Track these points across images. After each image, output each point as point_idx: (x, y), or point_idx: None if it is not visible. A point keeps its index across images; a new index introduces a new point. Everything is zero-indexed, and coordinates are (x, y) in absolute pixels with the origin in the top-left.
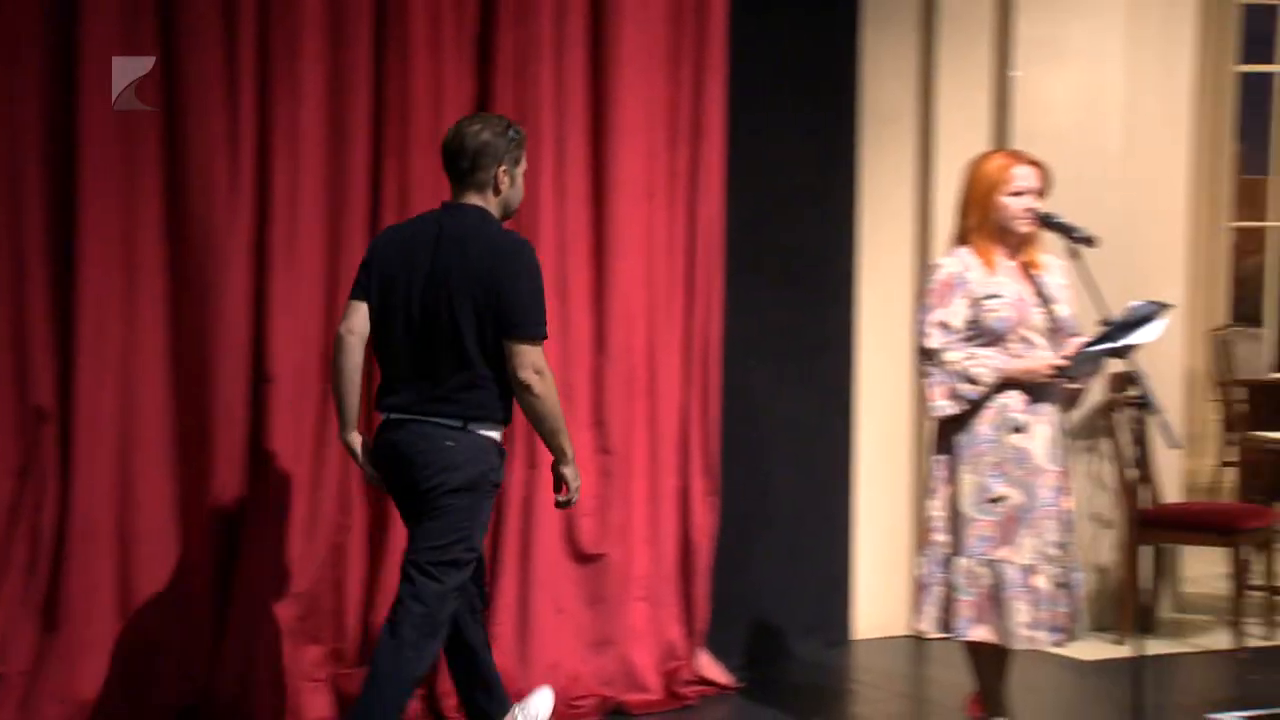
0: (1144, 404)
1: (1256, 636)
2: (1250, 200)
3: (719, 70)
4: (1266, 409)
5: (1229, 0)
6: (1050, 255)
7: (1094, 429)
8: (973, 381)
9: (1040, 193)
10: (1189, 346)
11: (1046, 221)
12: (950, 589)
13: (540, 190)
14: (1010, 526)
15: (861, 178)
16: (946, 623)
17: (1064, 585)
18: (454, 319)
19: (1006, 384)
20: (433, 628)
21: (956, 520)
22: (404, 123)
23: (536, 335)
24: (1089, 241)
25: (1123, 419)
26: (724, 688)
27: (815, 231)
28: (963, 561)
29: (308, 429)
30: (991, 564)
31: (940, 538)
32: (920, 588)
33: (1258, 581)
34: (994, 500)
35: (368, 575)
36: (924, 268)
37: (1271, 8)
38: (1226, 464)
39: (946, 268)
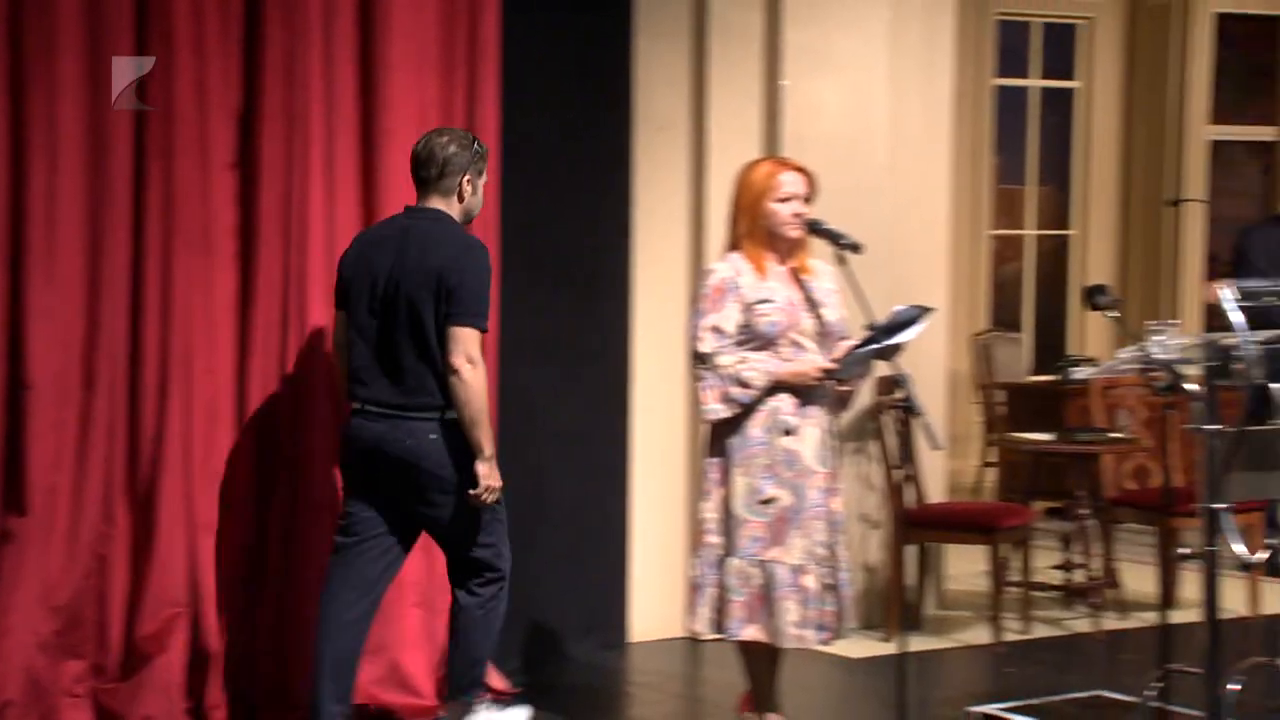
0: (908, 407)
1: (1014, 631)
2: (1009, 209)
3: (493, 74)
4: (1025, 411)
5: (986, 15)
6: (820, 261)
7: (863, 431)
8: (744, 385)
9: (808, 199)
10: (952, 350)
11: (814, 228)
12: (723, 590)
13: (311, 192)
14: (781, 527)
15: (636, 183)
16: (720, 623)
17: (832, 585)
18: (415, 312)
19: (777, 387)
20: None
21: (729, 522)
22: (168, 124)
23: (474, 324)
24: (855, 248)
25: (890, 421)
26: (500, 692)
27: (591, 236)
28: (735, 562)
29: (69, 437)
30: (763, 564)
31: (713, 539)
32: (694, 589)
33: (1015, 578)
34: (765, 502)
35: (131, 586)
36: (698, 273)
37: (1026, 23)
38: (988, 464)
39: (719, 273)
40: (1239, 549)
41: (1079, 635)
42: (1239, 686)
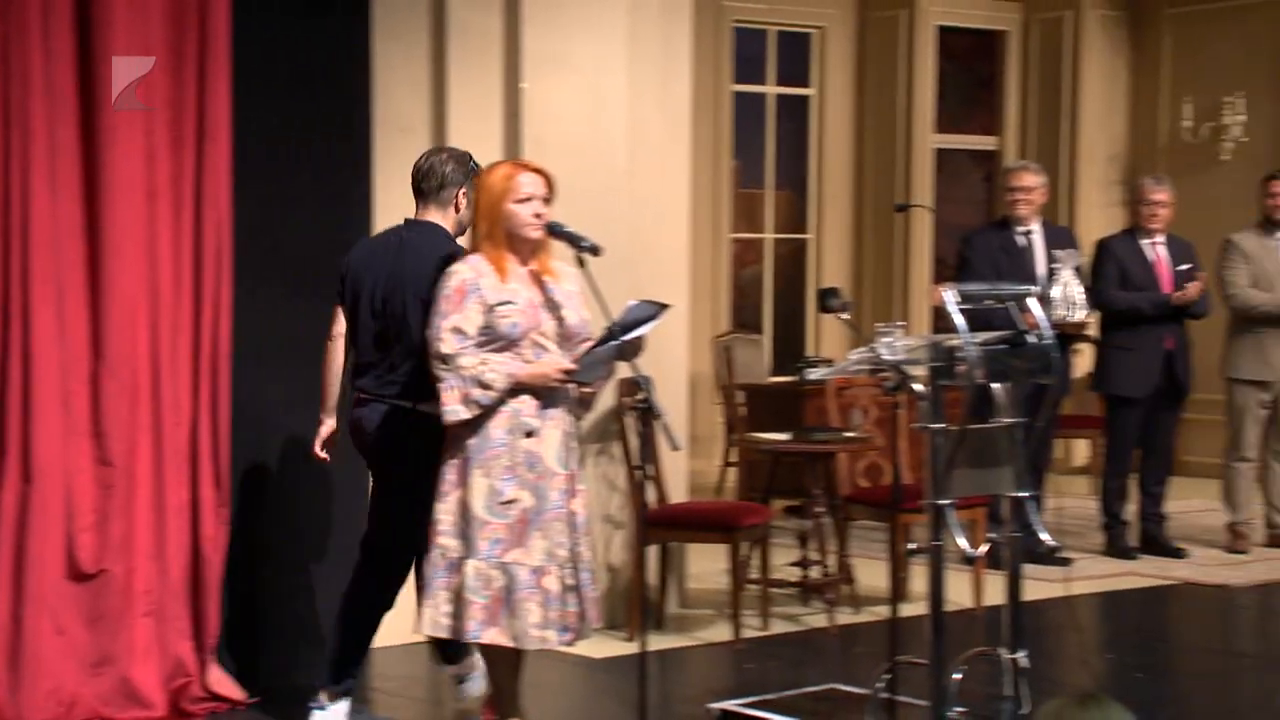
0: (648, 409)
1: (753, 628)
2: (748, 213)
3: (224, 73)
4: (765, 411)
5: (723, 22)
6: (561, 263)
7: (605, 433)
8: (485, 387)
9: (547, 200)
10: (693, 352)
11: (554, 230)
12: (461, 592)
13: (34, 185)
14: (521, 529)
15: (377, 186)
16: (456, 626)
17: (574, 586)
18: (404, 313)
19: (519, 389)
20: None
21: (469, 524)
22: None
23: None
24: (595, 250)
25: (631, 423)
26: (236, 703)
27: (330, 240)
28: (475, 564)
29: None
30: (503, 566)
31: (447, 541)
32: (421, 589)
33: (755, 575)
34: (506, 503)
35: None
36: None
37: (763, 31)
38: (729, 464)
39: (459, 275)
40: (962, 543)
41: (815, 630)
42: (961, 676)
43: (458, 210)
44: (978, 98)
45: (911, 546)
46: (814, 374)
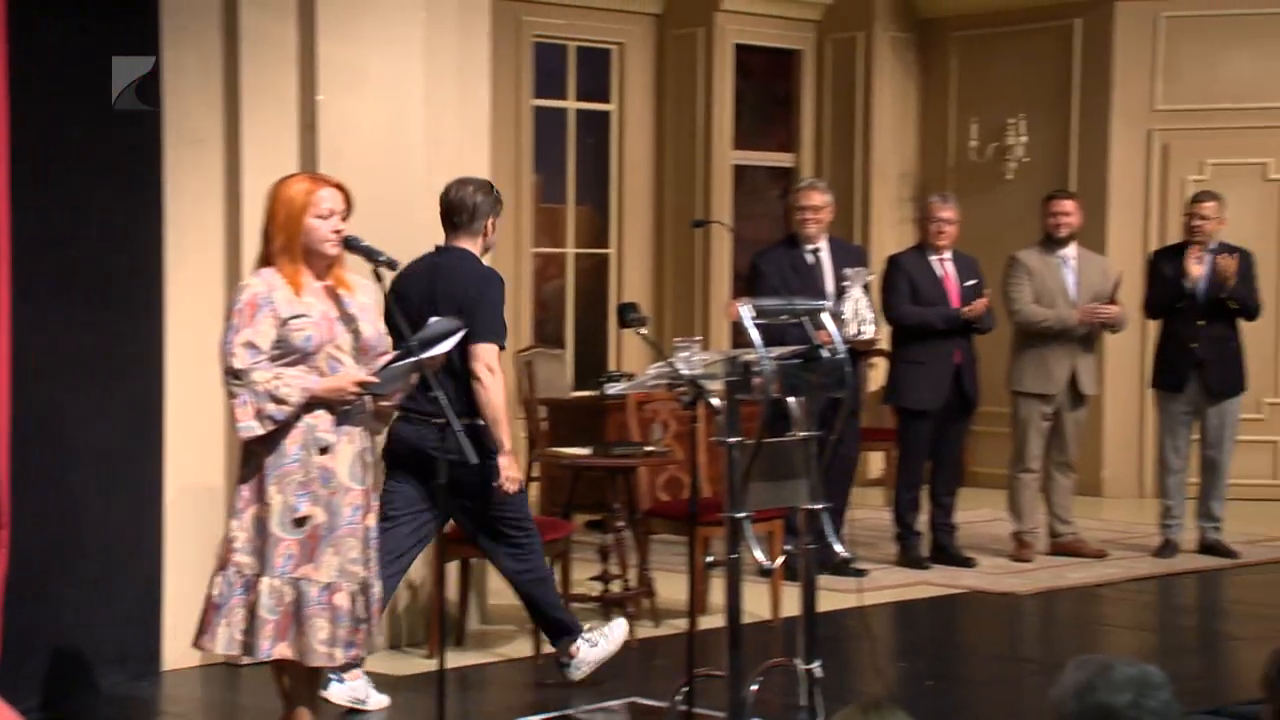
0: (445, 422)
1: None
2: (550, 228)
3: (0, 79)
4: (567, 426)
5: (524, 37)
6: (357, 276)
7: None
8: (280, 401)
9: (345, 215)
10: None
11: (350, 244)
12: (256, 609)
13: None
14: (313, 545)
15: (167, 196)
16: (250, 644)
17: (364, 602)
18: None
19: (314, 404)
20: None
21: (265, 540)
22: None
23: (491, 339)
24: (392, 265)
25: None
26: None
27: (120, 250)
28: (269, 582)
29: None
30: (295, 582)
31: (241, 558)
32: (213, 608)
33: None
34: (299, 520)
35: None
36: (234, 287)
37: (563, 46)
38: (531, 479)
39: (252, 288)
40: (759, 555)
41: None
42: (758, 687)
43: (485, 237)
44: (774, 115)
45: (710, 560)
46: (614, 388)
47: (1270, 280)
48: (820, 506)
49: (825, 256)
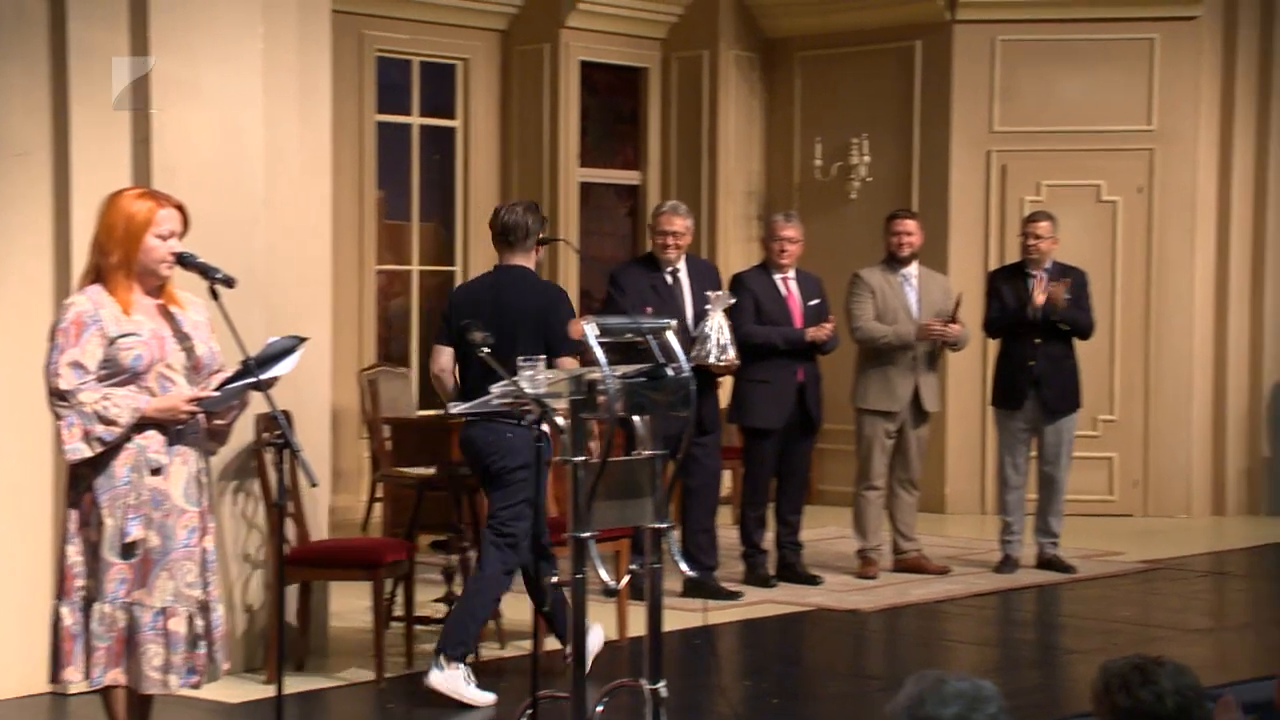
0: (285, 444)
1: (397, 666)
2: (395, 245)
3: None
4: (411, 446)
5: (366, 51)
6: (189, 293)
7: (244, 469)
8: (109, 422)
9: (181, 236)
10: (339, 386)
11: (185, 261)
12: (90, 636)
13: None
14: (146, 569)
15: None
16: (89, 671)
17: (202, 627)
18: (514, 342)
19: (145, 424)
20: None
21: (96, 565)
22: None
23: (573, 353)
24: (229, 282)
25: (270, 458)
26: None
27: None
28: (101, 607)
29: None
30: (128, 607)
31: (82, 583)
32: (68, 638)
33: (399, 613)
34: (131, 544)
35: None
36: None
37: (407, 61)
38: (375, 500)
39: (77, 306)
40: (604, 575)
41: None
42: (603, 709)
43: (536, 254)
44: (621, 133)
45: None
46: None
47: (1103, 300)
48: (665, 525)
49: (684, 278)
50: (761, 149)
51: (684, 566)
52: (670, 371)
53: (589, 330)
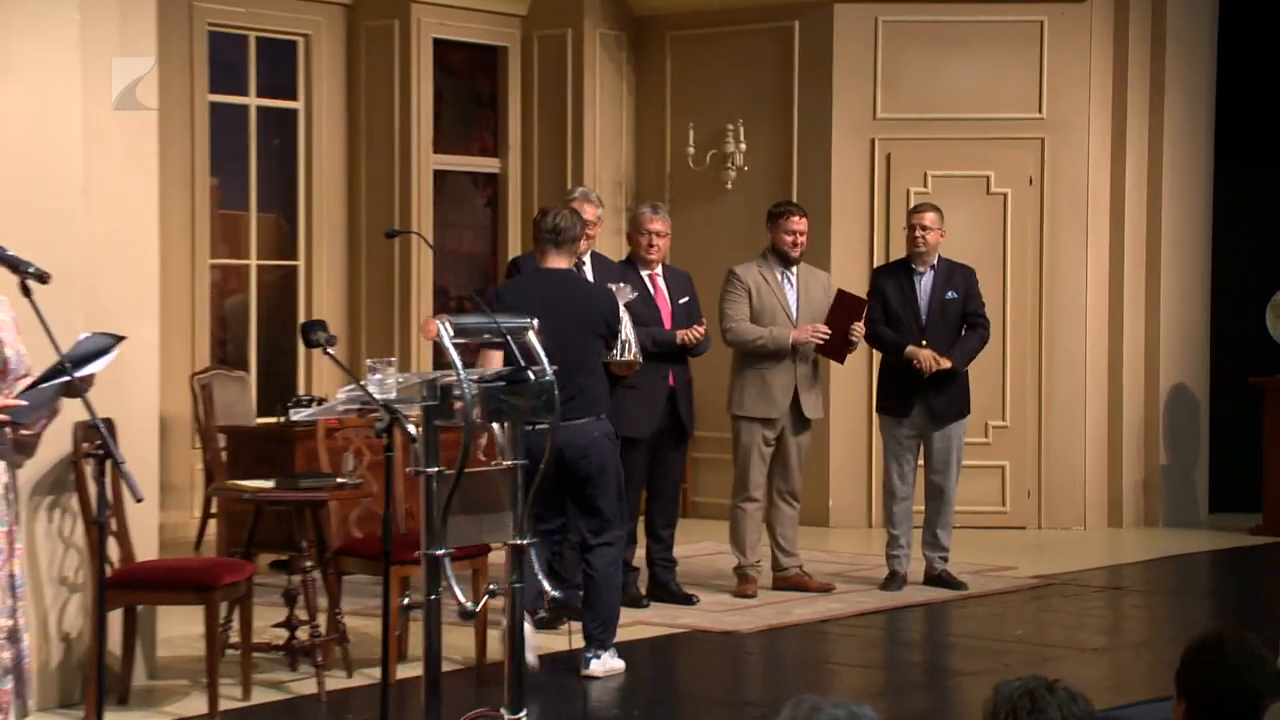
0: (106, 455)
1: (233, 698)
2: (231, 237)
3: None
4: (249, 457)
5: (197, 25)
6: None
7: (60, 483)
8: None
9: None
10: (167, 391)
11: None
12: None
13: None
14: None
15: None
16: None
17: (10, 658)
18: (577, 347)
19: None
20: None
21: None
22: None
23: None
24: (42, 277)
25: (90, 471)
26: None
27: None
28: None
29: None
30: None
31: None
32: None
33: (235, 639)
34: None
35: None
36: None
37: (243, 36)
38: (209, 516)
39: None
40: (460, 596)
41: (303, 698)
42: None
43: (578, 254)
44: (478, 117)
45: (405, 602)
46: (299, 415)
47: (994, 298)
48: (527, 542)
49: (588, 271)
50: (630, 135)
51: (547, 586)
52: (532, 375)
53: (443, 330)
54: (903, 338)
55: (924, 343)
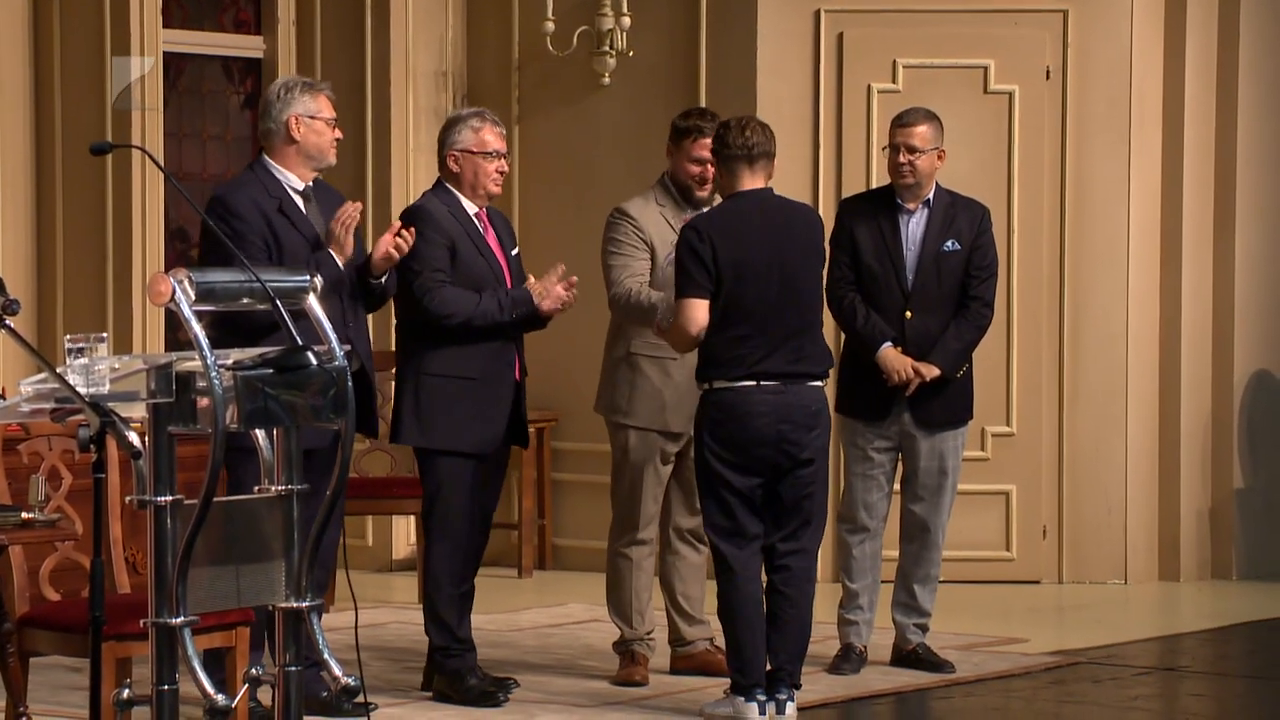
0: None
1: None
2: None
3: None
4: None
5: None
6: None
7: None
8: None
9: None
10: None
11: None
12: None
13: None
14: None
15: None
16: None
17: None
18: (799, 284)
19: None
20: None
21: None
22: None
23: None
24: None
25: None
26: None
27: None
28: None
29: None
30: None
31: None
32: None
33: None
34: None
35: None
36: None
37: None
38: None
39: None
40: (208, 686)
41: None
42: None
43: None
44: None
45: (124, 696)
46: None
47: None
48: (308, 604)
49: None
50: (462, 8)
51: (335, 667)
52: (314, 360)
53: (179, 291)
54: (877, 326)
55: (909, 314)
